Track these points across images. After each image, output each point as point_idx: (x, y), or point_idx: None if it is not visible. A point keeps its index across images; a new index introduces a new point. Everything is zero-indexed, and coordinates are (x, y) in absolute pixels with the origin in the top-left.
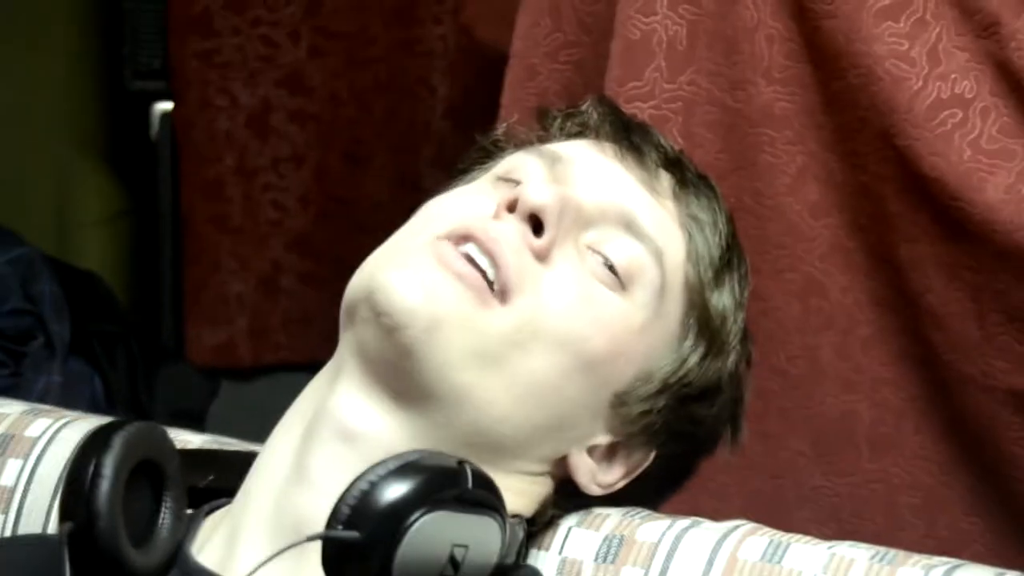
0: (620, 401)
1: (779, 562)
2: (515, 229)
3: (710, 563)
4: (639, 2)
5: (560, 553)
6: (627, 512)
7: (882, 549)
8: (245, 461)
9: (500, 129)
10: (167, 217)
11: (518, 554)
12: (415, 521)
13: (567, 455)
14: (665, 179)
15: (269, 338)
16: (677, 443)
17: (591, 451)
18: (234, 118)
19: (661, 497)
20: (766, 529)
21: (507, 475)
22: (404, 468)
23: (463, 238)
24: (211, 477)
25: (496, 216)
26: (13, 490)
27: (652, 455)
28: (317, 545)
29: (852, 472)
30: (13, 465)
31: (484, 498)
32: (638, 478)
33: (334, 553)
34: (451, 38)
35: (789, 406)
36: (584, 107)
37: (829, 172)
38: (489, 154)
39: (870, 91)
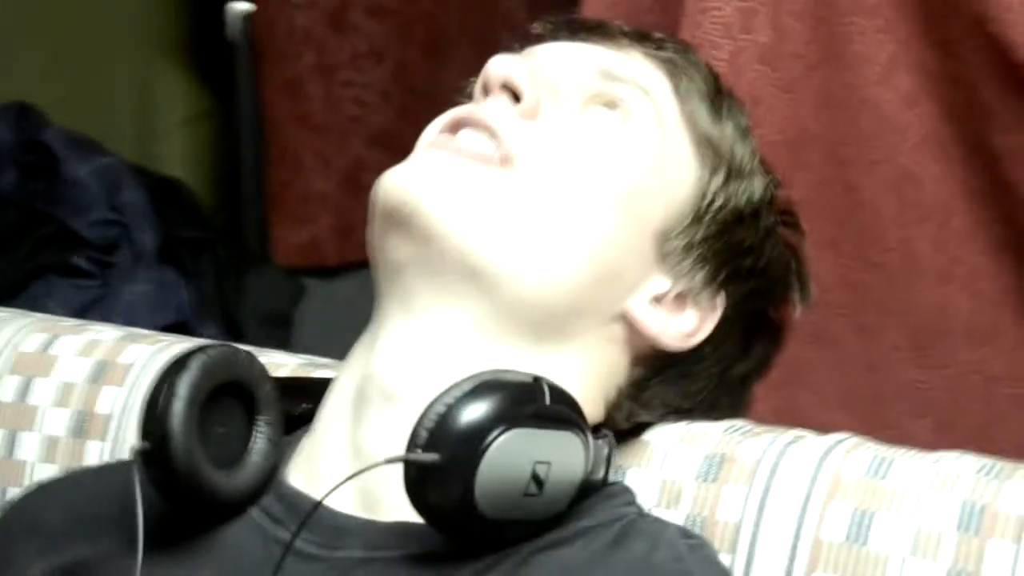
0: (661, 238)
1: (883, 477)
2: (499, 103)
3: (813, 480)
4: None
5: (659, 471)
6: (728, 428)
7: (988, 461)
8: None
9: None
10: (248, 118)
11: (606, 470)
12: (494, 440)
13: (629, 309)
14: (636, 45)
15: (354, 236)
16: (741, 284)
17: (657, 301)
18: (312, 15)
19: (752, 364)
20: (870, 443)
21: (575, 345)
22: (479, 388)
23: (453, 126)
24: (305, 404)
25: (476, 103)
26: (109, 417)
27: (721, 297)
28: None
29: (949, 364)
30: (109, 392)
31: (563, 413)
32: (720, 333)
33: (415, 476)
34: None
35: (885, 299)
36: (556, 19)
37: (921, 61)
38: None
39: None
